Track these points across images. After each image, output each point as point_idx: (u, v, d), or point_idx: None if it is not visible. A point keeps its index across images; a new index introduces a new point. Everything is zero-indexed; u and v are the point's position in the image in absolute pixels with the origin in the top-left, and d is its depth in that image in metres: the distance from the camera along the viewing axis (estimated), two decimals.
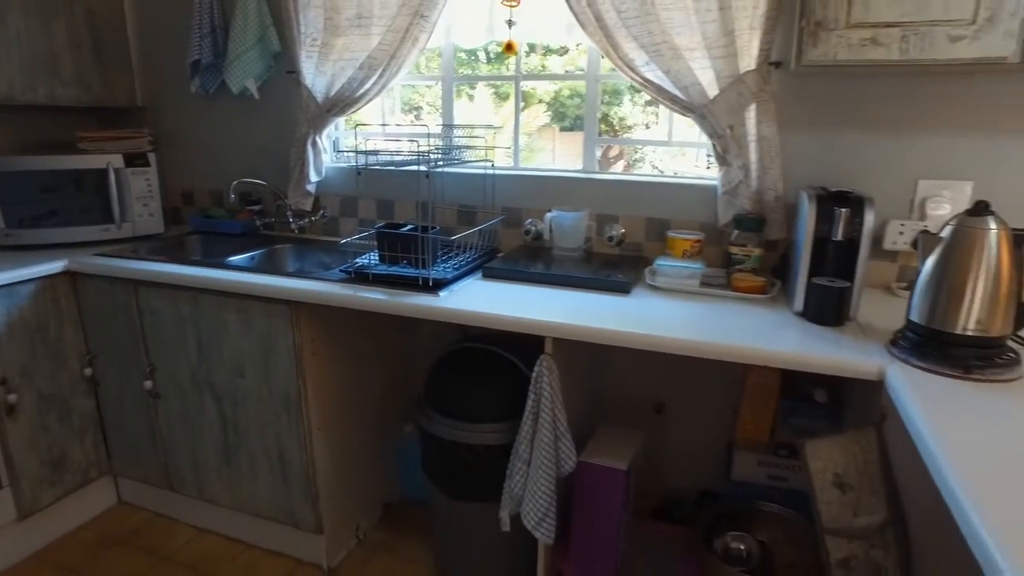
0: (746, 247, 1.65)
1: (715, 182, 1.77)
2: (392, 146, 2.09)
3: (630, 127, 2.63)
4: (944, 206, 1.62)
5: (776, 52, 1.64)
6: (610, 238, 1.85)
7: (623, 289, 1.60)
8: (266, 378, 1.75)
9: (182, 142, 2.47)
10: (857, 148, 1.67)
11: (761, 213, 1.70)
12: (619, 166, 2.59)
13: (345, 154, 2.24)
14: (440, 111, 2.20)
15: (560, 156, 2.73)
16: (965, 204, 1.58)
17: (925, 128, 1.61)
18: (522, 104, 2.13)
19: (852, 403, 1.58)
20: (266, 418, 1.80)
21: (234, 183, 2.12)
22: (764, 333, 1.36)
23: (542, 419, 1.44)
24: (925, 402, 1.03)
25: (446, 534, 1.79)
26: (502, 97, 2.56)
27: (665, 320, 1.41)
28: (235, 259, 1.96)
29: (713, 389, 1.88)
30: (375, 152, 1.79)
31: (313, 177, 2.14)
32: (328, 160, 2.21)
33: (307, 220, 2.24)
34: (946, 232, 1.18)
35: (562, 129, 2.87)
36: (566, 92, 2.72)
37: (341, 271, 1.69)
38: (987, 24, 1.26)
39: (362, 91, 2.00)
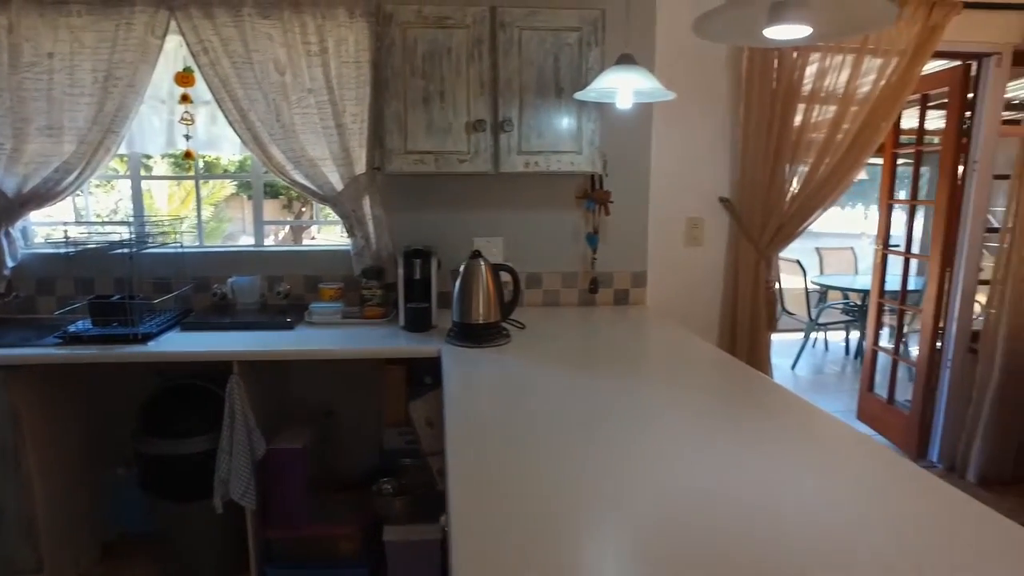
0: (372, 289, 2.48)
1: (349, 247, 2.59)
2: (90, 233, 2.51)
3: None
4: (492, 251, 2.67)
5: (377, 161, 2.54)
6: (278, 292, 2.55)
7: (288, 326, 2.31)
8: None
9: None
10: (436, 220, 2.64)
11: (381, 265, 2.56)
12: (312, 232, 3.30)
13: (48, 241, 2.57)
14: (132, 203, 2.68)
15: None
16: (501, 252, 2.65)
17: (474, 207, 2.64)
18: (203, 171, 2.72)
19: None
20: None
21: None
22: (382, 340, 2.19)
23: (236, 421, 2.06)
24: (456, 362, 1.92)
25: (176, 535, 2.26)
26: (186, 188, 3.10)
27: (317, 341, 2.16)
28: None
29: (366, 394, 2.65)
30: (80, 240, 2.24)
31: (9, 263, 2.44)
32: (21, 247, 2.52)
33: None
34: (461, 268, 2.15)
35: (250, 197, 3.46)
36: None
37: (56, 337, 2.10)
38: (475, 155, 2.30)
39: (59, 188, 2.41)
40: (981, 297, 3.27)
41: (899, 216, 3.83)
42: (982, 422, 3.10)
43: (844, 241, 7.02)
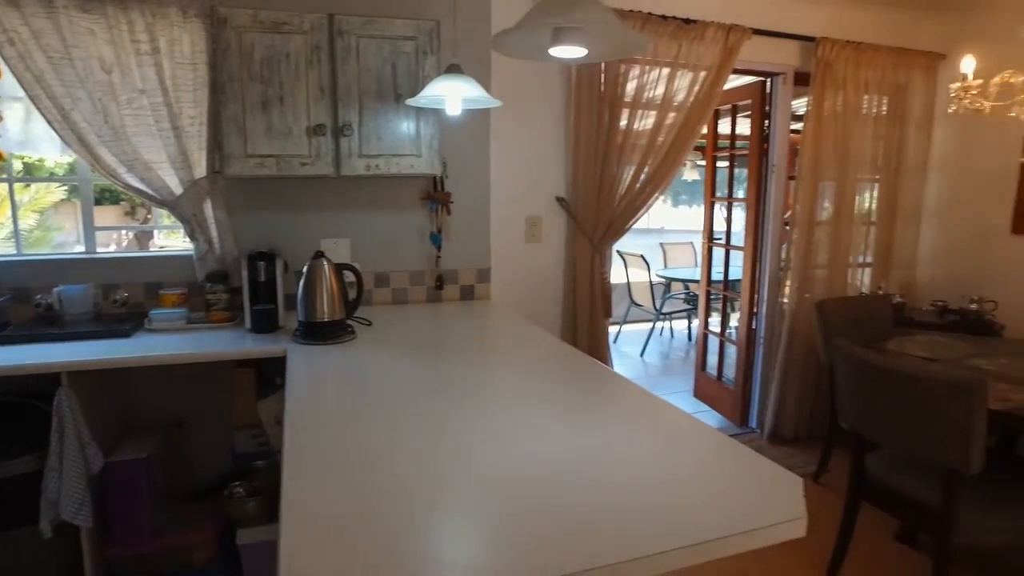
0: (217, 293, 2.46)
1: (192, 252, 2.54)
2: None
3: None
4: (339, 252, 2.72)
5: (217, 165, 2.51)
6: (115, 301, 2.46)
7: (125, 334, 2.24)
8: None
9: None
10: (282, 222, 2.65)
11: (226, 269, 2.54)
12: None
13: None
14: None
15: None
16: (349, 252, 2.70)
17: (320, 209, 2.68)
18: (22, 174, 2.55)
19: None
20: None
21: None
22: (227, 343, 2.18)
23: (67, 434, 1.98)
24: (302, 360, 1.98)
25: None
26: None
27: (158, 348, 2.11)
28: None
29: (217, 399, 2.62)
30: None
31: None
32: None
33: None
34: (305, 269, 2.19)
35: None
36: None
37: None
38: (317, 158, 2.35)
39: None
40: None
41: (735, 213, 4.30)
42: (773, 391, 3.59)
43: (686, 237, 7.67)
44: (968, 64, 2.41)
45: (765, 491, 1.10)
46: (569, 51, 1.31)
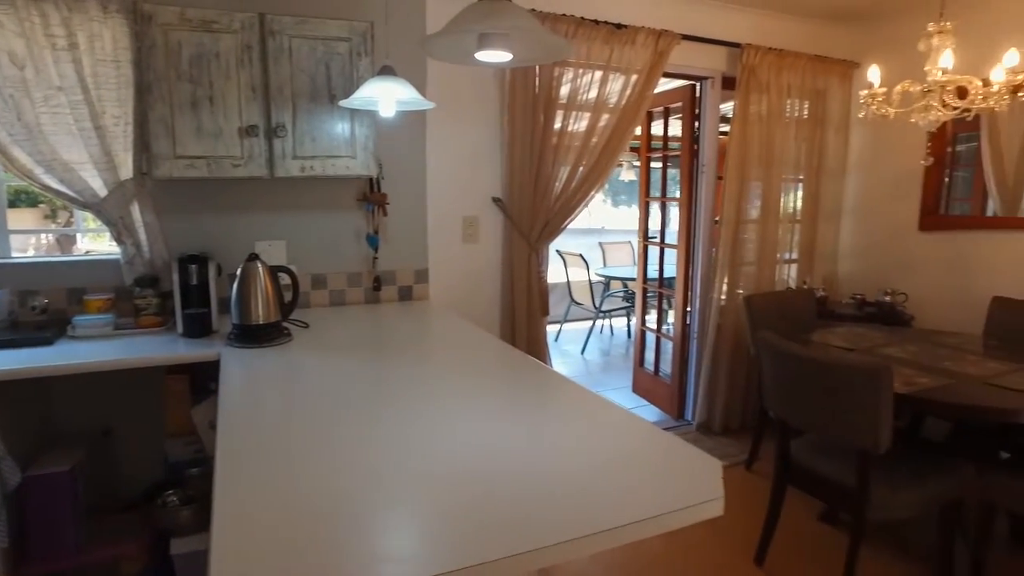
0: (146, 298, 2.39)
1: (119, 256, 2.46)
2: None
3: None
4: (275, 254, 2.68)
5: (145, 166, 2.44)
6: (33, 307, 2.35)
7: (45, 342, 2.15)
8: None
9: None
10: (215, 224, 2.60)
11: (156, 274, 2.47)
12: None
13: None
14: None
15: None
16: (285, 255, 2.67)
17: (254, 211, 2.64)
18: None
19: None
20: None
21: None
22: (157, 349, 2.12)
23: None
24: (236, 363, 1.95)
25: None
26: None
27: (82, 355, 2.03)
28: None
29: (148, 407, 2.54)
30: None
31: None
32: None
33: None
34: (238, 271, 2.16)
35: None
36: None
37: None
38: (249, 160, 2.31)
39: None
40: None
41: (670, 212, 4.43)
42: (704, 384, 3.73)
43: (625, 236, 7.84)
44: (874, 73, 2.57)
45: (687, 475, 1.16)
46: (495, 55, 1.35)
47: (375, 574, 0.88)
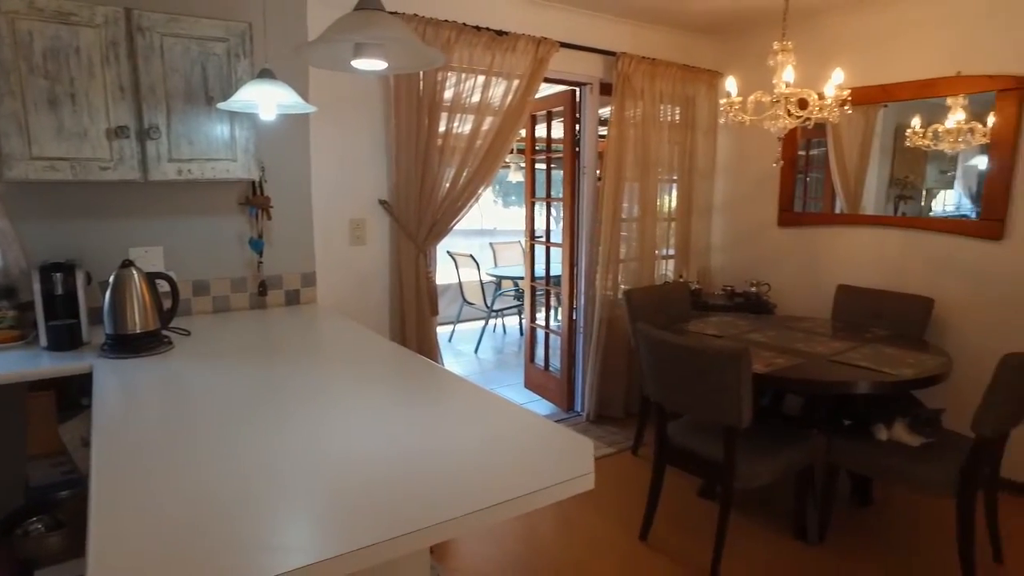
0: (1, 311, 2.22)
1: None
2: None
3: None
4: (151, 261, 2.56)
5: None
6: None
7: None
8: None
9: None
10: (84, 230, 2.44)
11: (12, 284, 2.30)
12: None
13: None
14: None
15: None
16: (162, 261, 2.56)
17: (128, 216, 2.51)
18: None
19: None
20: None
21: None
22: (20, 364, 1.98)
23: None
24: (111, 375, 1.86)
25: None
26: None
27: None
28: None
29: (7, 430, 2.35)
30: None
31: None
32: None
33: None
34: (111, 279, 2.06)
35: None
36: None
37: None
38: (120, 162, 2.21)
39: None
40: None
41: (555, 212, 4.59)
42: (591, 375, 3.94)
43: (516, 237, 8.02)
44: (731, 83, 2.82)
45: (561, 455, 1.26)
46: (371, 64, 1.39)
47: (264, 564, 0.90)
